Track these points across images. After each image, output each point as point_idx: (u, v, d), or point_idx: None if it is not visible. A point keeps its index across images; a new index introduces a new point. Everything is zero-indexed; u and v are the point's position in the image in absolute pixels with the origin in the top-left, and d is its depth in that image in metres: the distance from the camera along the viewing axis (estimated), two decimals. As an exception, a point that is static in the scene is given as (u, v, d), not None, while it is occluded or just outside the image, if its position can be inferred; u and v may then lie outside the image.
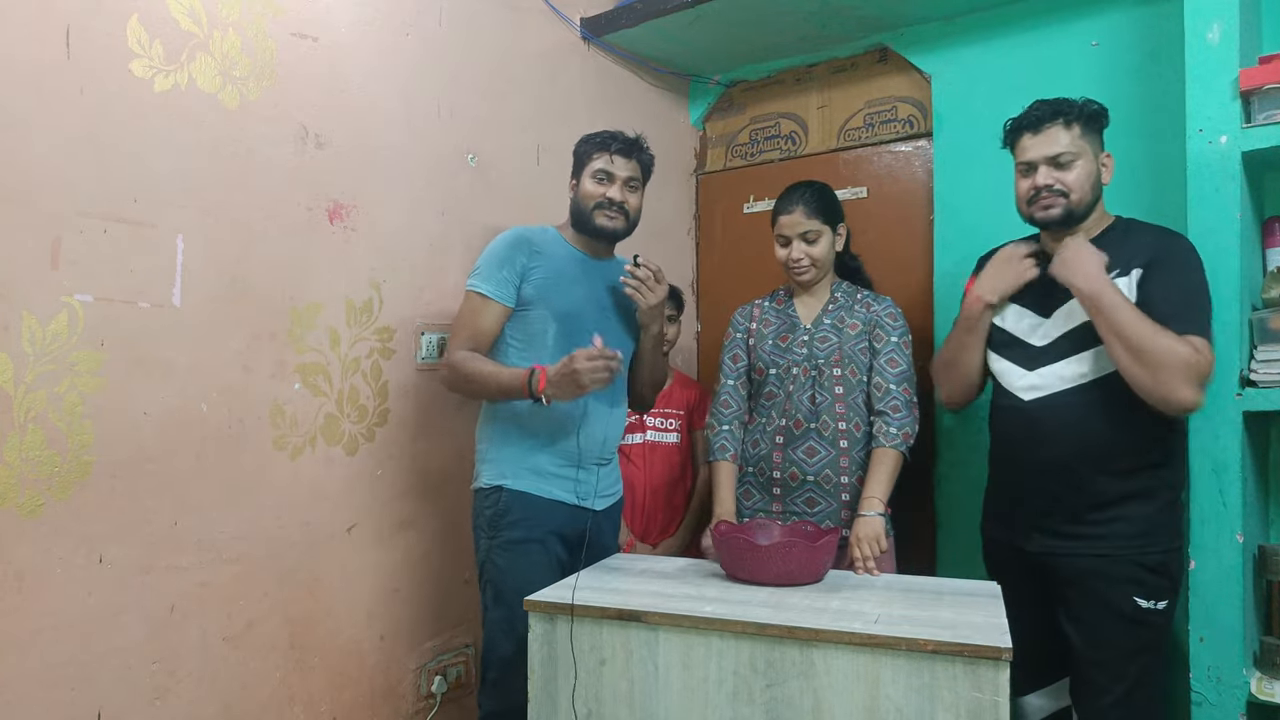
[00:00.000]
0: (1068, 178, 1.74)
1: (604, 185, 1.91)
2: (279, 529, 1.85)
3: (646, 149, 1.98)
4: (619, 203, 1.91)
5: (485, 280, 1.87)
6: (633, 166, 1.94)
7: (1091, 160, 1.75)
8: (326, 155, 1.95)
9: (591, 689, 1.53)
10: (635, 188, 1.96)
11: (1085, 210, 1.76)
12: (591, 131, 1.99)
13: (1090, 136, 1.76)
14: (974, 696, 1.30)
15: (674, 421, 2.47)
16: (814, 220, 2.04)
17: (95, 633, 1.56)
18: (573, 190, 1.97)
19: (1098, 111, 1.77)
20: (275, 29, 1.85)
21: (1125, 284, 1.70)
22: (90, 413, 1.55)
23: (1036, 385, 1.78)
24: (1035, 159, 1.76)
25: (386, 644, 2.08)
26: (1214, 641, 1.76)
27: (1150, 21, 2.24)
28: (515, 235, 1.92)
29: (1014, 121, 1.82)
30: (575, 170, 1.98)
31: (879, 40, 2.72)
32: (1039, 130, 1.76)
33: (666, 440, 2.45)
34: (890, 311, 2.06)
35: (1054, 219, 1.76)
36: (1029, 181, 1.78)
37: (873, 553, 1.81)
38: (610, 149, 1.91)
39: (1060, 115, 1.74)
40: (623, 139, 1.93)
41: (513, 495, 1.85)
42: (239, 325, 1.78)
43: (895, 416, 1.96)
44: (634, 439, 2.43)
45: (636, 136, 1.96)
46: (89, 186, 1.55)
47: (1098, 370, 1.71)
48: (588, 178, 1.93)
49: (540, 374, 1.72)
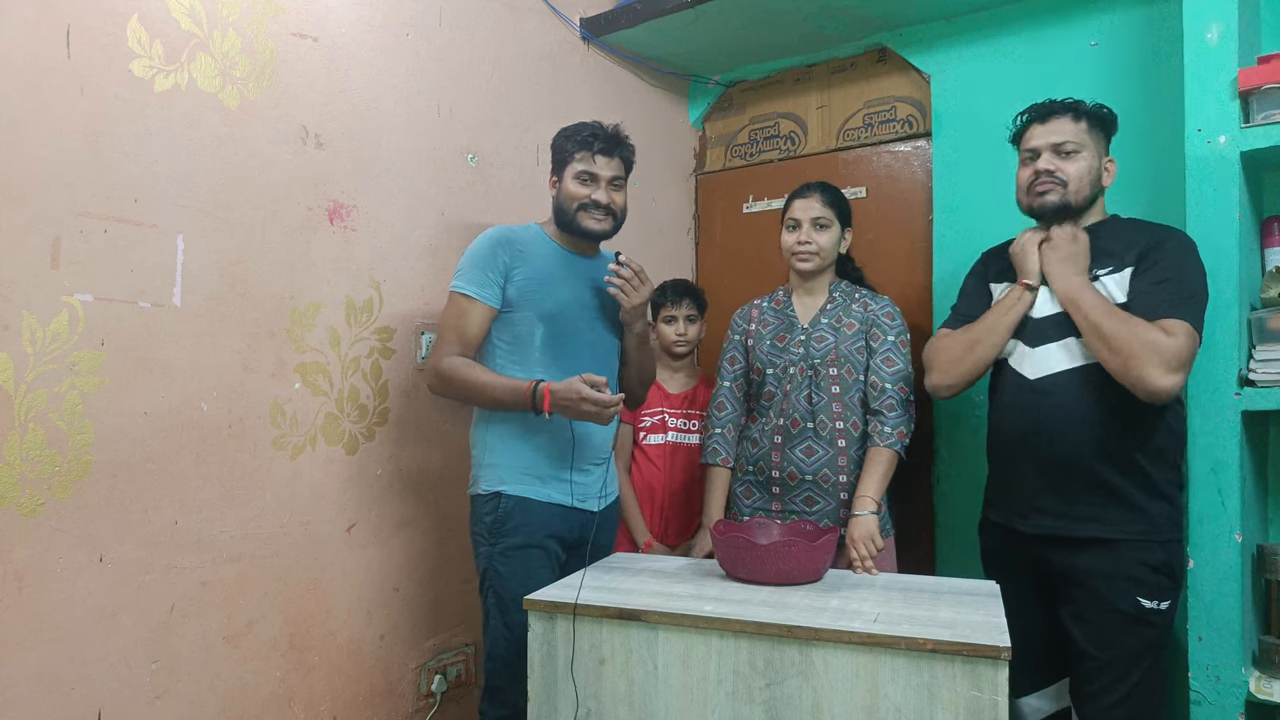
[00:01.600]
0: (1068, 168, 1.75)
1: (588, 187, 1.87)
2: (279, 529, 1.86)
3: (628, 142, 1.94)
4: (605, 205, 1.89)
5: (469, 281, 1.84)
6: (616, 164, 1.90)
7: (1094, 157, 1.77)
8: (326, 155, 1.95)
9: (591, 688, 1.53)
10: (620, 186, 1.92)
11: (1082, 204, 1.77)
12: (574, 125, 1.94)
13: (1096, 134, 1.78)
14: (973, 695, 1.30)
15: (697, 422, 2.43)
16: (828, 210, 2.07)
17: (95, 633, 1.56)
18: (554, 188, 1.94)
19: (1108, 115, 1.79)
20: (275, 29, 1.85)
21: (1118, 280, 1.71)
22: (90, 412, 1.55)
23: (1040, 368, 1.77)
24: (1039, 146, 1.78)
25: (386, 643, 2.08)
26: (1213, 641, 1.76)
27: (1149, 22, 2.24)
28: (497, 234, 1.89)
29: (1024, 112, 1.84)
30: (556, 167, 1.93)
31: (878, 40, 2.72)
32: (1047, 120, 1.78)
33: (689, 441, 2.42)
34: (888, 311, 2.07)
35: (1050, 205, 1.77)
36: (1030, 169, 1.80)
37: (869, 552, 1.81)
38: (593, 148, 1.87)
39: (1070, 109, 1.77)
40: (604, 137, 1.88)
41: (512, 500, 1.84)
42: (239, 325, 1.78)
43: (890, 416, 1.96)
44: (655, 439, 2.40)
45: (616, 130, 1.92)
46: (89, 186, 1.55)
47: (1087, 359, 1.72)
48: (570, 178, 1.89)
49: (545, 392, 1.72)
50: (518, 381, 1.77)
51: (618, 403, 1.73)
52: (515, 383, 1.77)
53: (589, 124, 1.90)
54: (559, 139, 1.93)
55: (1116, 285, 1.71)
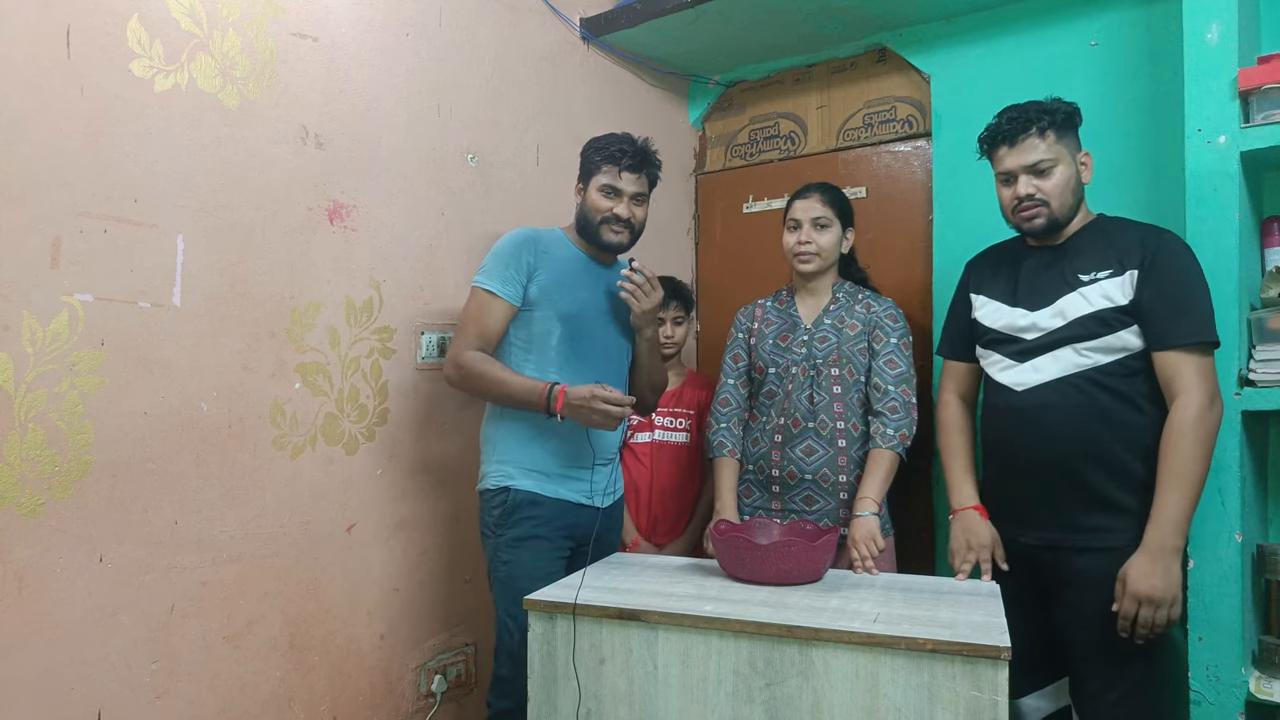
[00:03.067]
0: (1047, 185, 1.75)
1: (612, 200, 1.91)
2: (279, 529, 1.86)
3: (656, 160, 1.97)
4: (626, 219, 1.92)
5: (492, 277, 1.87)
6: (641, 181, 1.94)
7: (1070, 163, 1.76)
8: (326, 155, 1.95)
9: (591, 688, 1.53)
10: (642, 201, 1.96)
11: (1068, 214, 1.78)
12: (596, 135, 1.97)
13: (1066, 139, 1.76)
14: (973, 695, 1.30)
15: (684, 421, 2.45)
16: (828, 209, 2.08)
17: (95, 633, 1.56)
18: (579, 195, 1.97)
19: (1070, 112, 1.77)
20: (275, 29, 1.85)
21: (1119, 284, 1.70)
22: (90, 412, 1.55)
23: (1028, 378, 1.78)
24: (1013, 168, 1.77)
25: (386, 643, 2.08)
26: (1213, 641, 1.76)
27: (1149, 21, 2.24)
28: (523, 235, 1.93)
29: (988, 132, 1.82)
30: (583, 175, 1.97)
31: (878, 40, 2.72)
32: (1015, 143, 1.76)
33: (675, 440, 2.43)
34: (891, 313, 2.07)
35: (1038, 229, 1.78)
36: (1010, 191, 1.79)
37: (871, 552, 1.82)
38: (620, 163, 1.90)
39: (1033, 124, 1.74)
40: (633, 153, 1.91)
41: (520, 495, 1.86)
42: (239, 325, 1.78)
43: (893, 418, 1.97)
44: (642, 438, 2.42)
45: (645, 147, 1.95)
46: (89, 186, 1.55)
47: (1090, 363, 1.72)
48: (595, 190, 1.92)
49: (560, 394, 1.75)
50: (535, 381, 1.80)
51: (629, 404, 1.76)
52: (532, 382, 1.80)
53: (620, 137, 1.93)
54: (589, 149, 1.96)
55: (1118, 289, 1.70)
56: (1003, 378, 1.83)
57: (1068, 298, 1.75)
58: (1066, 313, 1.75)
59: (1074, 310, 1.74)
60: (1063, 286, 1.76)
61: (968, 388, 2.00)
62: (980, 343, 1.91)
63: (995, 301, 1.88)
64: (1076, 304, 1.74)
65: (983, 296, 1.91)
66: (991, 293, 1.89)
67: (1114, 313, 1.70)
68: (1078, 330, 1.73)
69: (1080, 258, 1.77)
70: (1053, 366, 1.75)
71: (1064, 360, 1.74)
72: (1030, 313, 1.80)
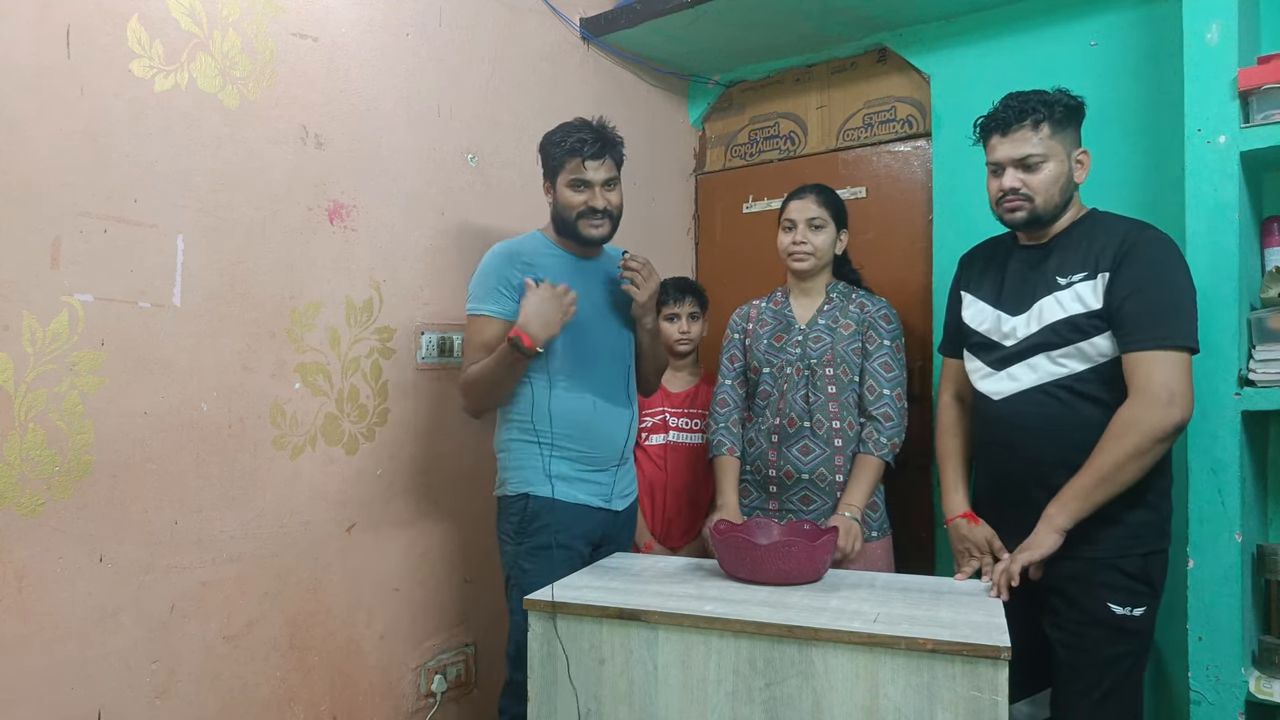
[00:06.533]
0: (1033, 180, 1.70)
1: (583, 193, 1.86)
2: (279, 529, 1.86)
3: (615, 139, 1.90)
4: (602, 209, 1.88)
5: (483, 300, 1.86)
6: (608, 166, 1.88)
7: (1062, 160, 1.71)
8: (326, 155, 1.95)
9: (591, 688, 1.53)
10: (613, 185, 1.90)
11: (1053, 212, 1.74)
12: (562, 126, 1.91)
13: (1062, 135, 1.71)
14: (973, 696, 1.30)
15: (699, 422, 2.43)
16: (823, 210, 2.09)
17: (95, 633, 1.56)
18: (549, 194, 1.93)
19: (1073, 106, 1.73)
20: (275, 29, 1.85)
21: (1092, 287, 1.67)
22: (90, 412, 1.55)
23: (1005, 387, 1.77)
24: (1002, 160, 1.73)
25: (386, 643, 2.08)
26: (1213, 641, 1.76)
27: (1149, 21, 2.24)
28: (502, 250, 1.90)
29: (984, 119, 1.79)
30: (548, 173, 1.91)
31: (878, 40, 2.72)
32: (1007, 132, 1.72)
33: (690, 441, 2.41)
34: (884, 313, 2.08)
35: (1018, 222, 1.75)
36: (997, 182, 1.76)
37: (848, 547, 1.89)
38: (583, 154, 1.83)
39: (1029, 116, 1.70)
40: (592, 139, 1.84)
41: (539, 502, 1.86)
42: (239, 325, 1.78)
43: (886, 425, 1.99)
44: (656, 439, 2.39)
45: (603, 127, 1.88)
46: (89, 186, 1.55)
47: (1065, 371, 1.70)
48: (564, 187, 1.87)
49: (519, 332, 1.74)
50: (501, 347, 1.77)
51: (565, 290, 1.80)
52: (501, 347, 1.78)
53: (575, 127, 1.87)
54: (547, 145, 1.90)
55: (1091, 292, 1.67)
56: (982, 386, 1.82)
57: (1044, 301, 1.72)
58: (1043, 317, 1.72)
59: (1049, 315, 1.71)
60: (1041, 289, 1.74)
61: (967, 387, 1.99)
62: (965, 346, 1.89)
63: (981, 302, 1.86)
64: (1052, 308, 1.71)
65: (970, 295, 1.89)
66: (979, 292, 1.88)
67: (1087, 318, 1.66)
68: (1050, 337, 1.70)
69: (1062, 258, 1.73)
70: (1028, 375, 1.73)
71: (1039, 369, 1.72)
72: (1011, 317, 1.78)
